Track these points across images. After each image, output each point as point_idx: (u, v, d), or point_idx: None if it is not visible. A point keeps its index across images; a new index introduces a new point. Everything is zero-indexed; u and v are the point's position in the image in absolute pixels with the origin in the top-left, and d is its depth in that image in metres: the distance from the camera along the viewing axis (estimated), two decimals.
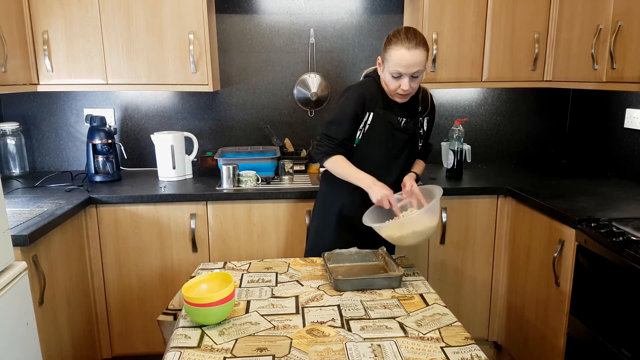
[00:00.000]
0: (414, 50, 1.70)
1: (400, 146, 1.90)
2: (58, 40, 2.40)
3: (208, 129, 2.91)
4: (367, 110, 1.84)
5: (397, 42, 1.72)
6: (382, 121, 1.85)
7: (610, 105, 2.66)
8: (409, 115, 1.89)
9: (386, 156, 1.90)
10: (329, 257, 1.74)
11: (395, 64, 1.72)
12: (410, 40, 1.70)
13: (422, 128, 1.97)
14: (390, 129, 1.86)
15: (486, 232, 2.50)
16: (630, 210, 1.99)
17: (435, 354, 1.20)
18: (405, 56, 1.70)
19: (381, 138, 1.87)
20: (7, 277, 1.54)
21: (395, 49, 1.71)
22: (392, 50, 1.73)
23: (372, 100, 1.85)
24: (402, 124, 1.88)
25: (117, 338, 2.46)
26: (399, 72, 1.73)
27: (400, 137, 1.88)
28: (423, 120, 1.96)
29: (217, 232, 2.39)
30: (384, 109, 1.85)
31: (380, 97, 1.85)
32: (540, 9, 2.53)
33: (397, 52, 1.71)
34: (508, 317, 2.49)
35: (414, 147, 1.95)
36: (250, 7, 2.78)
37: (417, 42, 1.71)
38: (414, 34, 1.73)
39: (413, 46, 1.70)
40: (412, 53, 1.70)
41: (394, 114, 1.86)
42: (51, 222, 1.92)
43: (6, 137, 2.68)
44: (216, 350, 1.22)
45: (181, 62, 2.46)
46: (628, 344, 1.62)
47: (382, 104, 1.85)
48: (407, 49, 1.69)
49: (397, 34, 1.74)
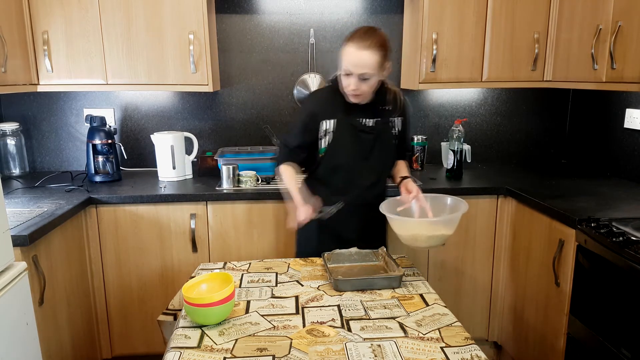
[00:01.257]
0: (362, 50, 1.66)
1: (368, 147, 1.86)
2: (58, 40, 2.40)
3: (208, 129, 2.91)
4: (322, 119, 1.83)
5: (350, 40, 1.69)
6: (346, 125, 1.83)
7: (610, 105, 2.66)
8: (376, 116, 1.86)
9: (356, 159, 1.86)
10: (329, 257, 1.74)
11: (344, 61, 1.70)
12: (363, 40, 1.67)
13: (396, 128, 1.92)
14: (354, 131, 1.84)
15: (486, 232, 2.50)
16: (630, 210, 1.99)
17: (435, 354, 1.20)
18: (353, 54, 1.67)
19: (346, 142, 1.84)
20: (7, 277, 1.54)
21: (347, 46, 1.69)
22: (344, 48, 1.71)
23: (329, 109, 1.83)
24: (367, 124, 1.85)
25: (117, 338, 2.46)
26: (348, 70, 1.70)
27: (365, 138, 1.85)
28: (395, 120, 1.92)
29: (217, 232, 2.39)
30: (345, 112, 1.82)
31: (340, 102, 1.82)
32: (540, 9, 2.53)
33: (347, 50, 1.69)
34: (508, 317, 2.49)
35: (385, 147, 1.90)
36: (250, 7, 2.78)
37: (369, 43, 1.67)
38: (370, 35, 1.69)
39: (363, 47, 1.66)
40: (360, 53, 1.66)
41: (357, 116, 1.84)
42: (51, 222, 1.92)
43: (6, 137, 2.68)
44: (216, 351, 1.22)
45: (181, 62, 2.46)
46: (628, 344, 1.62)
47: (343, 108, 1.82)
48: (357, 48, 1.67)
49: (354, 32, 1.72)
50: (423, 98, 2.97)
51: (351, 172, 1.86)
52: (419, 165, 2.88)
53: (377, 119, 1.86)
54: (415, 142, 2.88)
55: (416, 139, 2.88)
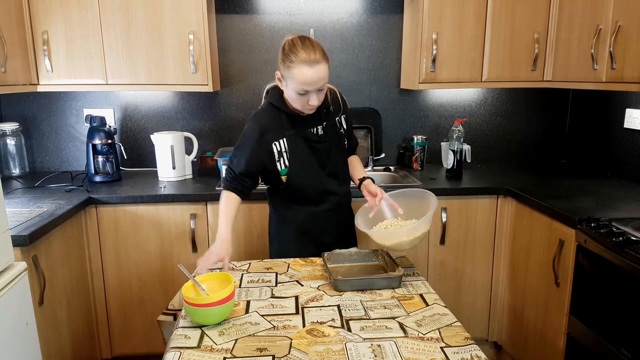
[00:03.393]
0: (316, 66, 1.57)
1: (325, 155, 1.81)
2: (58, 40, 2.40)
3: (208, 129, 2.90)
4: (272, 141, 1.74)
5: (297, 60, 1.57)
6: (297, 140, 1.76)
7: (610, 105, 2.66)
8: (322, 121, 1.80)
9: (318, 170, 1.81)
10: (328, 257, 1.73)
11: (299, 83, 1.59)
12: (310, 55, 1.57)
13: (342, 128, 1.88)
14: (307, 143, 1.77)
15: (486, 232, 2.50)
16: (630, 210, 1.99)
17: (435, 354, 1.20)
18: (309, 74, 1.57)
19: (302, 157, 1.77)
20: (7, 277, 1.54)
21: (297, 67, 1.58)
22: (293, 70, 1.59)
23: (276, 128, 1.74)
24: (318, 133, 1.79)
25: (117, 338, 2.46)
26: (305, 90, 1.61)
27: (320, 147, 1.79)
28: (340, 119, 1.87)
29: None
30: (293, 128, 1.75)
31: (284, 119, 1.75)
32: (540, 9, 2.53)
33: (299, 72, 1.58)
34: (508, 317, 2.49)
35: (339, 149, 1.86)
36: (250, 7, 2.78)
37: (317, 56, 1.58)
38: (312, 47, 1.59)
39: (315, 62, 1.57)
40: (316, 69, 1.58)
41: (306, 126, 1.77)
42: (51, 222, 1.92)
43: (6, 137, 2.68)
44: (216, 351, 1.22)
45: (181, 62, 2.46)
46: (628, 344, 1.62)
47: (289, 124, 1.75)
48: (310, 66, 1.57)
49: (293, 49, 1.59)
50: (423, 98, 2.97)
51: (318, 184, 1.82)
52: (419, 165, 2.88)
53: (324, 123, 1.80)
54: (415, 142, 2.88)
55: (416, 139, 2.88)
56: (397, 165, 2.97)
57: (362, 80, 2.92)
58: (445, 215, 2.44)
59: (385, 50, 2.89)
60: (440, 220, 2.45)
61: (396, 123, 2.99)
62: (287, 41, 1.64)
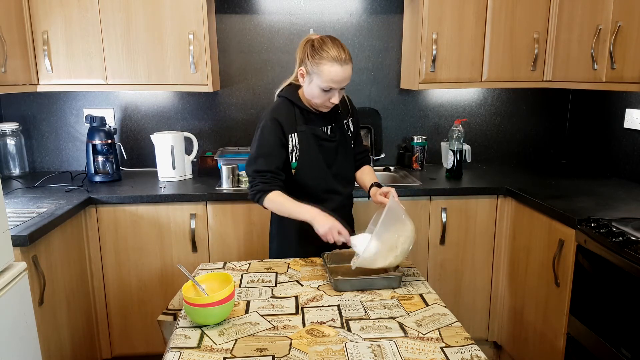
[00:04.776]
0: (345, 65, 1.66)
1: (332, 155, 1.84)
2: (58, 40, 2.40)
3: (208, 129, 2.91)
4: (288, 133, 1.77)
5: (327, 57, 1.65)
6: (309, 137, 1.79)
7: (610, 105, 2.66)
8: (332, 122, 1.85)
9: (325, 168, 1.84)
10: (328, 258, 1.73)
11: (328, 80, 1.66)
12: (340, 54, 1.65)
13: (350, 130, 1.92)
14: (317, 141, 1.81)
15: (486, 232, 2.50)
16: (630, 210, 1.99)
17: (435, 354, 1.20)
18: (340, 72, 1.65)
19: (311, 154, 1.80)
20: (7, 277, 1.54)
21: (328, 65, 1.65)
22: (323, 66, 1.65)
23: (290, 122, 1.77)
24: (328, 132, 1.83)
25: (117, 338, 2.46)
26: (330, 87, 1.68)
27: (328, 146, 1.83)
28: (348, 122, 1.91)
29: (217, 233, 2.39)
30: (305, 124, 1.79)
31: (298, 114, 1.79)
32: (540, 9, 2.53)
33: (330, 69, 1.65)
34: (508, 317, 2.49)
35: (346, 151, 1.89)
36: (250, 7, 2.78)
37: (346, 55, 1.67)
38: (342, 47, 1.68)
39: (344, 61, 1.66)
40: (345, 68, 1.66)
41: (317, 125, 1.81)
42: (51, 222, 1.92)
43: (6, 137, 2.68)
44: (216, 351, 1.22)
45: (181, 62, 2.46)
46: (628, 344, 1.62)
47: (302, 120, 1.79)
48: (340, 65, 1.65)
49: (324, 47, 1.66)
50: (423, 98, 2.97)
51: (323, 182, 1.84)
52: (419, 165, 2.88)
53: (332, 124, 1.84)
54: (415, 142, 2.88)
55: (416, 139, 2.88)
56: (397, 165, 2.98)
57: (362, 80, 2.92)
58: (445, 215, 2.44)
59: (385, 50, 2.89)
60: (440, 220, 2.45)
61: (396, 123, 2.99)
62: (315, 39, 1.70)
